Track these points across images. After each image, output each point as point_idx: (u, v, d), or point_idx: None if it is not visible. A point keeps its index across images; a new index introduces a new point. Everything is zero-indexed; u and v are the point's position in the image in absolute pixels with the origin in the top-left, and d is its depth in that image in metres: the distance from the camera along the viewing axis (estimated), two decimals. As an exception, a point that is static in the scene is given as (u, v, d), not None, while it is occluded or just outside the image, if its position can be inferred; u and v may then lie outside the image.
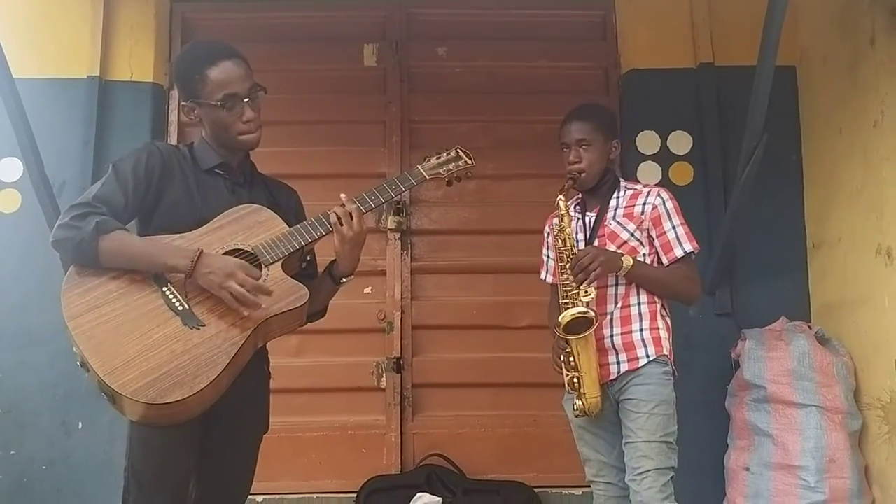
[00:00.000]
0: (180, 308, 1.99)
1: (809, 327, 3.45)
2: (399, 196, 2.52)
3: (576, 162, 2.61)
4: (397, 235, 3.87)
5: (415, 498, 3.44)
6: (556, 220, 2.61)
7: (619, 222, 2.61)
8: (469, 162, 2.41)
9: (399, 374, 3.75)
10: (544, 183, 3.93)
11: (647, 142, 3.79)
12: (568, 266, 2.49)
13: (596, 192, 2.66)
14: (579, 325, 2.44)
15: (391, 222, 3.85)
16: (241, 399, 2.13)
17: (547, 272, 2.79)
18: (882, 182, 3.18)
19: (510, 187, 3.96)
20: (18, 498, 3.51)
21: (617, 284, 2.57)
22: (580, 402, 2.50)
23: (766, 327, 3.46)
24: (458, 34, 4.08)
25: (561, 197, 2.56)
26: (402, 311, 3.81)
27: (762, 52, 3.08)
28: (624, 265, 2.50)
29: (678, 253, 2.58)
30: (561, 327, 2.44)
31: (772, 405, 3.25)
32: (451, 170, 2.38)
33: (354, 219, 2.16)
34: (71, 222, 2.01)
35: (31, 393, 3.57)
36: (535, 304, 3.80)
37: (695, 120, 3.78)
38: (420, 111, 4.00)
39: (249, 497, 2.34)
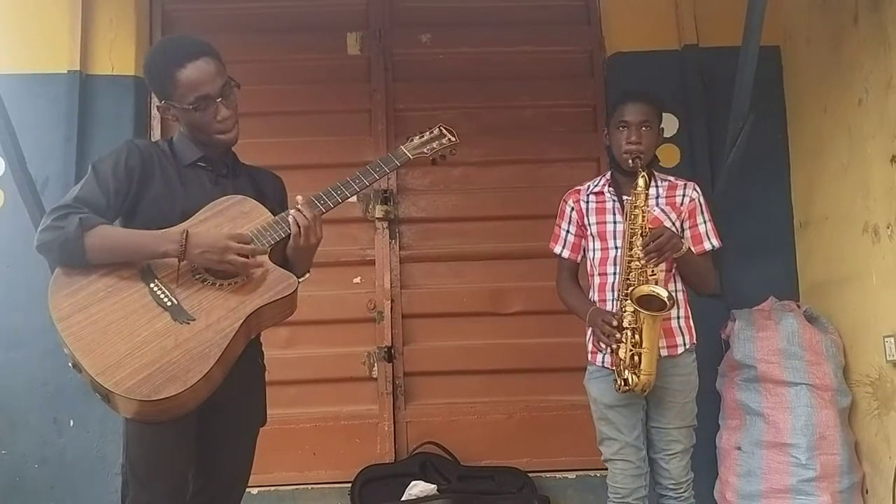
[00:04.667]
0: (169, 303, 1.98)
1: (798, 306, 3.46)
2: (383, 178, 2.49)
3: (637, 143, 2.64)
4: (385, 224, 3.86)
5: (410, 486, 3.45)
6: (630, 197, 2.60)
7: (661, 209, 2.68)
8: (453, 139, 2.39)
9: (391, 363, 3.74)
10: (530, 168, 3.96)
11: (633, 124, 3.76)
12: (639, 244, 2.52)
13: (634, 177, 2.64)
14: (649, 302, 2.49)
15: (378, 211, 3.84)
16: (238, 392, 2.13)
17: (564, 247, 2.79)
18: (867, 160, 3.18)
19: (497, 173, 3.95)
20: (12, 497, 3.49)
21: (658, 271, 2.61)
22: (634, 378, 2.49)
23: (755, 307, 3.47)
24: (441, 21, 4.05)
25: (643, 174, 2.57)
26: (392, 300, 3.79)
27: (746, 32, 3.08)
28: (683, 248, 2.57)
29: (707, 246, 2.74)
30: (634, 300, 2.48)
31: (762, 384, 3.27)
32: (434, 148, 2.36)
33: (316, 225, 2.13)
34: (53, 223, 1.99)
35: (21, 392, 3.54)
36: (524, 289, 3.84)
37: (680, 102, 3.76)
38: (405, 99, 3.98)
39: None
